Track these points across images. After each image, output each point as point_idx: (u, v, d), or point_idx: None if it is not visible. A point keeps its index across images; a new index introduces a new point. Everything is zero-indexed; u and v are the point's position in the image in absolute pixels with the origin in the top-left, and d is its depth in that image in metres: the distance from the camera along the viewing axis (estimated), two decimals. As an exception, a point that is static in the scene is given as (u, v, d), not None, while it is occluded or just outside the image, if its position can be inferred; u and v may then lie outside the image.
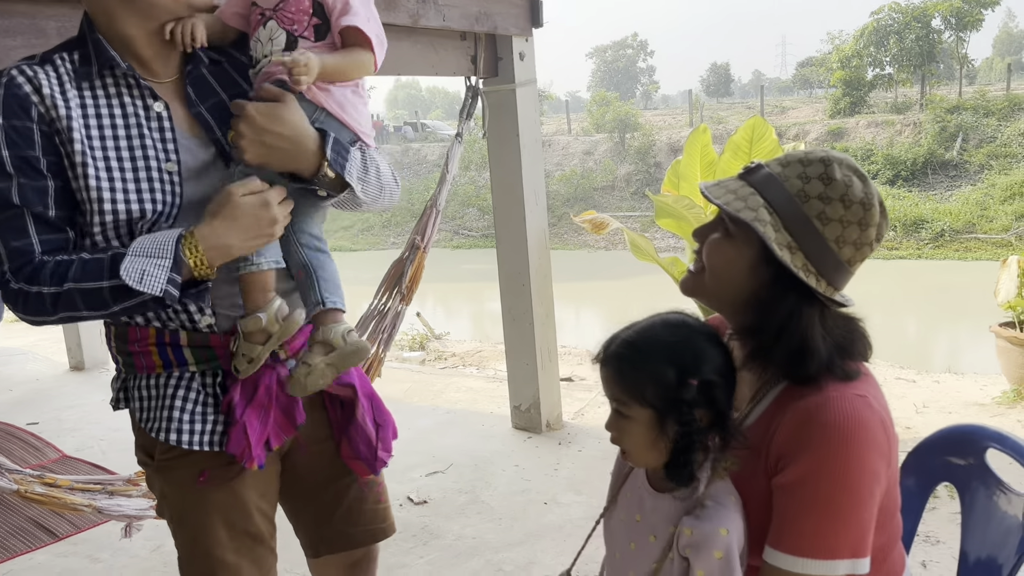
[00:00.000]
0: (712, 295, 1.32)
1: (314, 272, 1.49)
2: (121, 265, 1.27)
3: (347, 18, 1.40)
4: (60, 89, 1.35)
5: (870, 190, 1.23)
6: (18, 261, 1.31)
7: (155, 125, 1.41)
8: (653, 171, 25.10)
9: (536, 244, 4.07)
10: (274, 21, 1.43)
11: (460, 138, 3.76)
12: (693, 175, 4.22)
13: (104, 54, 1.38)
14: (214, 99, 1.48)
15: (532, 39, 4.00)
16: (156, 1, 1.38)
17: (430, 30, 3.40)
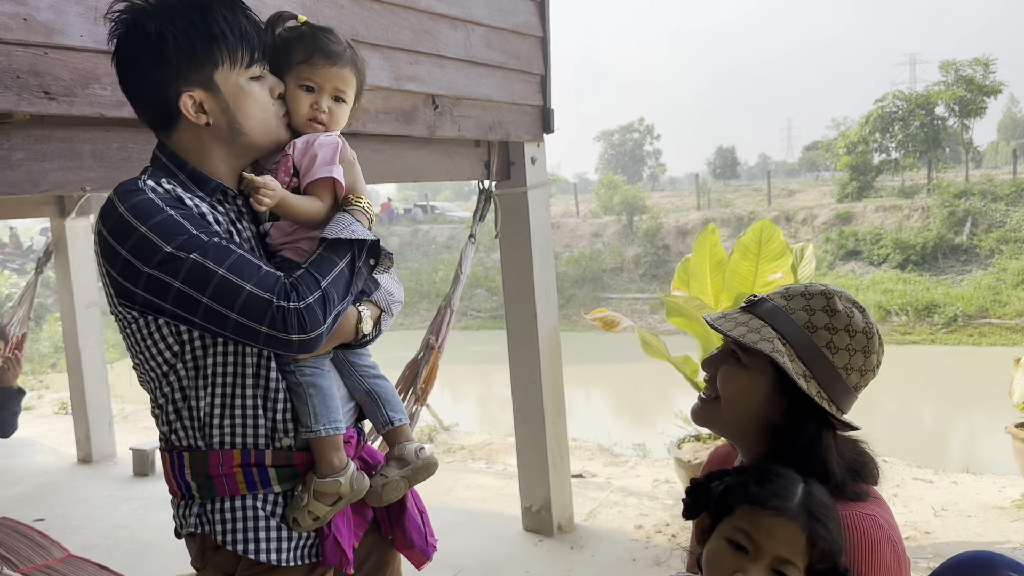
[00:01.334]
0: (726, 424, 1.37)
1: (377, 396, 1.68)
2: (329, 234, 1.48)
3: (308, 176, 1.57)
4: (191, 200, 1.47)
5: (869, 320, 1.31)
6: (273, 288, 1.38)
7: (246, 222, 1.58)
8: (661, 253, 25.29)
9: (547, 342, 4.09)
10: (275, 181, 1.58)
11: (473, 239, 3.82)
12: (703, 274, 4.26)
13: (209, 183, 1.53)
14: None
15: (543, 144, 4.11)
16: (258, 142, 1.56)
17: (446, 139, 3.50)
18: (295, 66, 1.59)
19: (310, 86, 1.59)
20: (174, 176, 1.52)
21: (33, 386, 11.41)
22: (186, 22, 1.44)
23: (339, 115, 1.63)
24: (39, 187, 2.15)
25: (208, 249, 1.37)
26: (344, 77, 1.61)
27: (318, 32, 1.62)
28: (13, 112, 2.00)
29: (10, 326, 5.36)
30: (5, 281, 19.62)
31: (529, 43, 3.93)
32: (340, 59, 1.60)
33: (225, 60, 1.46)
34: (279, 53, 1.60)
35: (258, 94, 1.52)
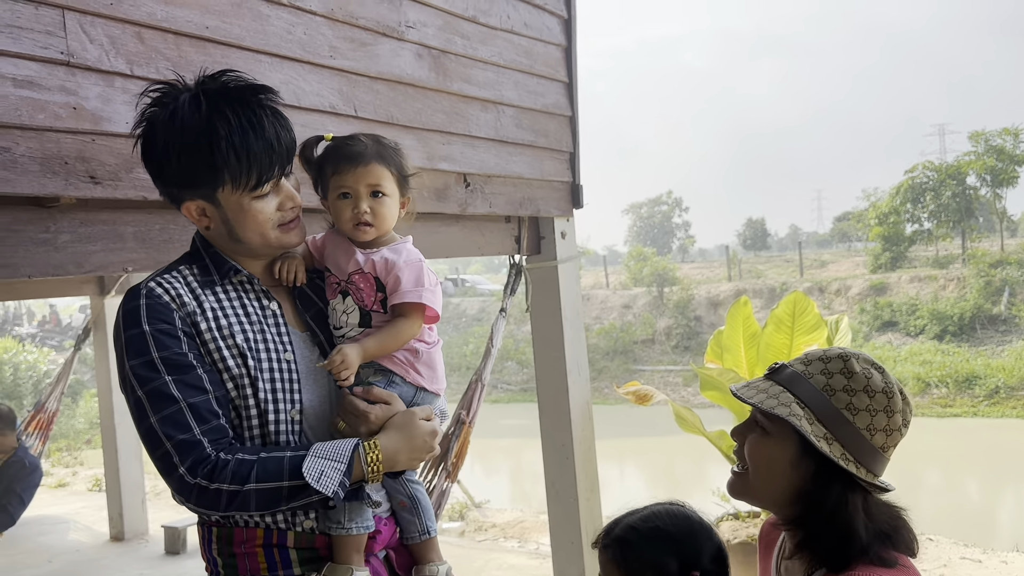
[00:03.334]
0: (759, 494, 1.39)
1: (418, 502, 1.68)
2: (303, 464, 1.41)
3: (396, 296, 1.61)
4: (192, 294, 1.53)
5: (889, 380, 1.32)
6: (190, 456, 1.41)
7: (271, 321, 1.60)
8: (693, 325, 25.12)
9: (579, 416, 4.05)
10: (351, 297, 1.64)
11: (504, 313, 3.84)
12: (736, 346, 4.23)
13: (224, 265, 1.59)
14: (315, 308, 1.70)
15: (573, 219, 4.16)
16: (259, 250, 1.61)
17: (477, 216, 3.55)
18: (329, 179, 1.65)
19: (345, 193, 1.63)
20: (199, 260, 1.61)
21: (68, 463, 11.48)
22: (192, 146, 1.46)
23: (384, 210, 1.64)
24: (83, 268, 2.22)
25: (152, 392, 1.44)
26: (373, 173, 1.63)
27: (339, 142, 1.67)
28: (61, 196, 2.08)
29: (47, 402, 5.44)
30: (44, 357, 19.97)
31: (558, 122, 4.01)
32: (364, 158, 1.64)
33: (227, 184, 1.50)
34: (318, 173, 1.68)
35: (259, 211, 1.54)
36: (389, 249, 1.66)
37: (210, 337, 1.51)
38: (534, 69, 3.81)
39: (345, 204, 1.63)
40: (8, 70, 1.96)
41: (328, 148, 1.68)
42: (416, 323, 1.63)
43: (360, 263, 1.63)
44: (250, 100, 1.50)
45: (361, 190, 1.63)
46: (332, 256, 1.71)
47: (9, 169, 1.96)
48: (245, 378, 1.51)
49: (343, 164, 1.63)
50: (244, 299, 1.60)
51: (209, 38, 2.42)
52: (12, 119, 1.95)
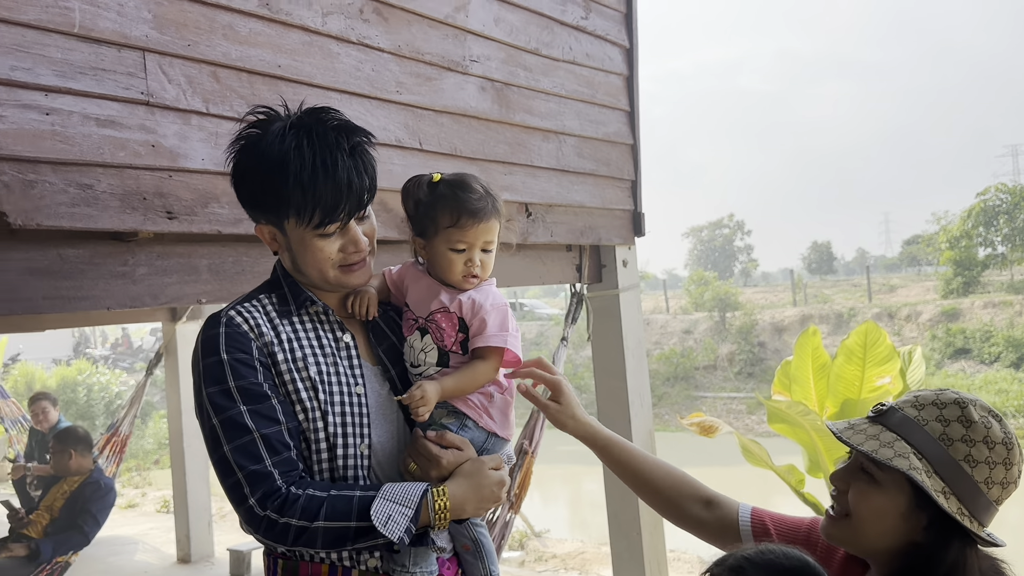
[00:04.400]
0: (861, 544, 1.32)
1: (482, 546, 1.68)
2: (372, 506, 1.42)
3: (480, 339, 1.62)
4: (269, 324, 1.57)
5: (1008, 429, 1.26)
6: (261, 488, 1.44)
7: (344, 354, 1.62)
8: (757, 351, 24.64)
9: (642, 447, 3.98)
10: (429, 335, 1.64)
11: (566, 342, 3.83)
12: (805, 378, 4.13)
13: (301, 295, 1.63)
14: (387, 342, 1.72)
15: (634, 247, 4.13)
16: (320, 286, 1.64)
17: (539, 245, 3.56)
18: (443, 230, 1.63)
19: (461, 247, 1.63)
20: (278, 289, 1.65)
21: (137, 483, 11.79)
22: (265, 174, 1.51)
23: (490, 261, 1.68)
24: (158, 300, 2.29)
25: (226, 421, 1.47)
26: (491, 229, 1.65)
27: (458, 191, 1.64)
28: (139, 231, 2.16)
29: (121, 426, 5.61)
30: (116, 379, 20.63)
31: (619, 150, 4.00)
32: (486, 214, 1.64)
33: (291, 217, 1.54)
34: (425, 216, 1.66)
35: (319, 249, 1.56)
36: (476, 290, 1.67)
37: (285, 368, 1.54)
38: (595, 98, 3.82)
39: (458, 257, 1.64)
40: (92, 110, 2.05)
41: (445, 195, 1.65)
42: (495, 367, 1.64)
43: (445, 303, 1.65)
44: (333, 140, 1.52)
45: (477, 245, 1.64)
46: (412, 292, 1.73)
47: (91, 205, 2.05)
48: (316, 411, 1.53)
49: (465, 219, 1.61)
50: (319, 330, 1.63)
51: (281, 76, 2.49)
52: (95, 157, 2.04)
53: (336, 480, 1.54)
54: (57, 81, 1.98)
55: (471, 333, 1.63)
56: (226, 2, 2.33)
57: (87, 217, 2.03)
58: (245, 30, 2.41)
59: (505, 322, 1.64)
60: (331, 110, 1.59)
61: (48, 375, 19.45)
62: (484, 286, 1.69)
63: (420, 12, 2.93)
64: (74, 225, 2.00)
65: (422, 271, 1.74)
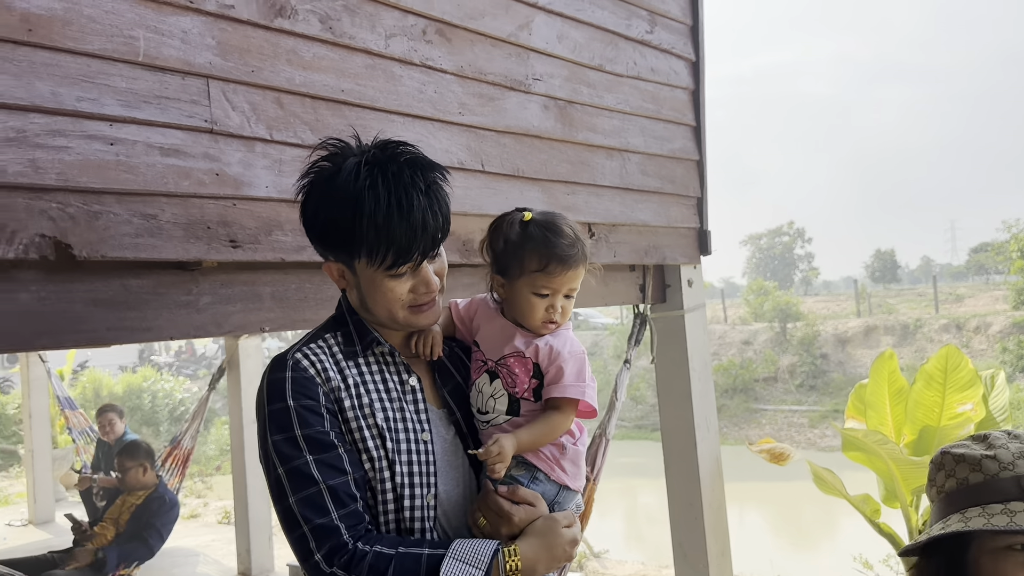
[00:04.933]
0: None
1: None
2: (442, 566, 1.36)
3: (556, 388, 1.53)
4: (336, 367, 1.52)
5: None
6: (327, 543, 1.39)
7: (410, 398, 1.56)
8: (819, 363, 24.06)
9: (709, 474, 3.87)
10: (499, 380, 1.57)
11: (628, 364, 3.72)
12: (881, 403, 3.94)
13: (367, 335, 1.57)
14: (452, 382, 1.65)
15: (700, 266, 4.01)
16: (388, 325, 1.58)
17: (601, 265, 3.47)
18: (529, 274, 1.56)
19: (545, 293, 1.56)
20: (343, 326, 1.60)
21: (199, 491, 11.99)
22: (338, 213, 1.46)
23: (569, 309, 1.61)
24: (222, 329, 2.26)
25: (292, 471, 1.42)
26: (578, 276, 1.59)
27: (549, 235, 1.57)
28: (203, 260, 2.14)
29: (183, 439, 5.68)
30: (180, 386, 21.10)
31: (685, 167, 3.89)
32: (575, 261, 1.57)
33: (363, 256, 1.48)
34: (511, 256, 1.59)
35: (389, 290, 1.51)
36: (553, 336, 1.59)
37: (352, 416, 1.49)
38: (660, 114, 3.72)
39: (540, 302, 1.57)
40: (156, 139, 2.03)
41: (535, 237, 1.57)
42: (570, 418, 1.56)
43: (520, 347, 1.57)
44: (409, 178, 1.46)
45: (561, 291, 1.58)
46: (484, 332, 1.66)
47: (155, 235, 2.03)
48: (383, 460, 1.48)
49: (555, 265, 1.54)
50: (385, 372, 1.58)
51: (345, 100, 2.46)
52: (159, 187, 2.02)
53: (402, 532, 1.47)
54: (122, 111, 1.96)
55: (546, 381, 1.55)
56: (289, 27, 2.31)
57: (151, 247, 2.01)
58: (309, 55, 2.38)
59: (582, 371, 1.56)
60: (405, 144, 1.53)
61: (115, 382, 19.97)
62: (561, 331, 1.61)
63: (483, 32, 2.88)
64: (138, 256, 1.99)
65: (495, 310, 1.67)
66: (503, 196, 2.93)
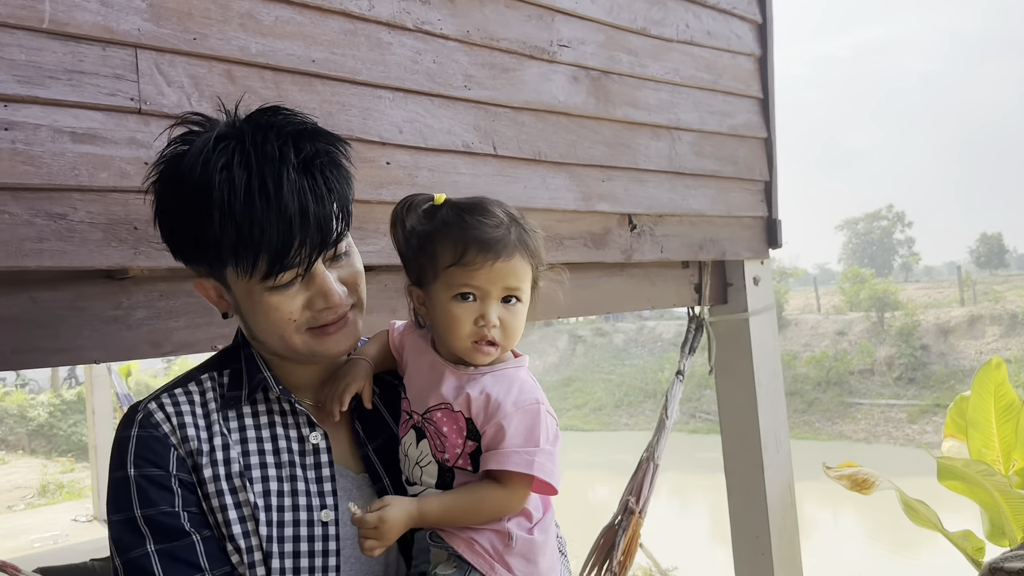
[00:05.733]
0: None
1: None
2: None
3: (493, 457, 1.10)
4: (205, 421, 1.14)
5: None
6: None
7: (310, 461, 1.17)
8: (919, 354, 22.73)
9: (779, 503, 3.34)
10: (426, 440, 1.15)
11: (681, 376, 3.23)
12: (986, 422, 3.33)
13: (255, 375, 1.18)
14: (384, 435, 1.24)
15: (768, 261, 3.47)
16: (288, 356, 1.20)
17: (645, 263, 2.99)
18: (443, 272, 1.14)
19: (468, 293, 1.13)
20: (234, 361, 1.22)
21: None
22: (185, 209, 1.09)
23: (514, 323, 1.16)
24: (161, 349, 1.90)
25: (130, 564, 1.06)
26: (514, 270, 1.14)
27: (466, 215, 1.15)
28: (129, 267, 1.78)
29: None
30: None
31: (749, 146, 3.36)
32: (503, 247, 1.13)
33: (229, 263, 1.10)
34: (420, 252, 1.18)
35: (274, 308, 1.12)
36: (494, 376, 1.15)
37: (214, 489, 1.10)
38: (719, 85, 3.20)
39: (465, 310, 1.13)
40: (66, 123, 1.68)
41: (447, 222, 1.16)
42: (515, 497, 1.11)
43: (447, 396, 1.14)
44: (275, 151, 1.07)
45: (494, 293, 1.14)
46: (410, 371, 1.24)
47: (66, 239, 1.68)
48: (255, 551, 1.07)
49: (473, 253, 1.12)
50: (277, 426, 1.18)
51: (316, 73, 2.07)
52: (69, 180, 1.67)
53: None
54: (20, 88, 1.61)
55: (484, 444, 1.11)
56: (243, -15, 1.92)
57: (59, 254, 1.66)
58: (269, 18, 1.99)
59: (534, 430, 1.11)
60: (282, 110, 1.13)
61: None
62: (507, 370, 1.16)
63: (493, -12, 2.44)
64: (41, 264, 1.64)
65: (425, 339, 1.24)
66: (521, 184, 2.49)
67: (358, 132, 2.13)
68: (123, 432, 1.12)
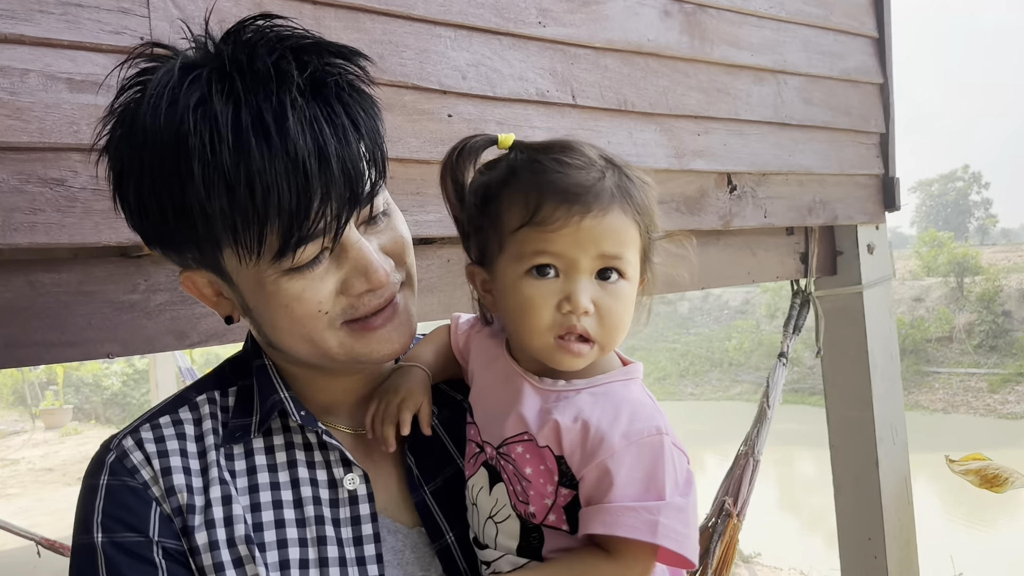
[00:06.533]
0: None
1: None
2: None
3: (597, 516, 0.75)
4: (199, 463, 0.84)
5: None
6: None
7: (345, 514, 0.85)
8: (1001, 321, 21.71)
9: (894, 501, 2.94)
10: (502, 484, 0.81)
11: (785, 359, 2.84)
12: None
13: (270, 395, 0.85)
14: (447, 471, 0.92)
15: (884, 225, 3.03)
16: (320, 364, 0.88)
17: (746, 230, 2.59)
18: (510, 238, 0.81)
19: (546, 265, 0.80)
20: (243, 377, 0.91)
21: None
22: (156, 171, 0.75)
23: (616, 309, 0.81)
24: (186, 340, 1.60)
25: None
26: (612, 231, 0.80)
27: (541, 155, 0.81)
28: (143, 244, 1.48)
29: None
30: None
31: (863, 93, 2.91)
32: (596, 197, 0.79)
33: (225, 242, 0.77)
34: (478, 219, 0.85)
35: (295, 297, 0.79)
36: (593, 394, 0.81)
37: (212, 562, 0.78)
38: (829, 22, 2.75)
39: (543, 290, 0.80)
40: (62, 67, 1.37)
41: (515, 170, 0.83)
42: (632, 574, 0.76)
43: (528, 421, 0.81)
44: (274, 72, 0.74)
45: (582, 263, 0.79)
46: (478, 384, 0.91)
47: (64, 211, 1.38)
48: None
49: (551, 204, 0.79)
50: (299, 466, 0.86)
51: (363, 7, 1.73)
52: (67, 138, 1.36)
53: None
54: (2, 25, 1.31)
55: (582, 494, 0.77)
56: (274, -102, 1.58)
57: (57, 228, 1.37)
58: (307, -58, 1.65)
59: (656, 475, 0.76)
60: (274, 18, 0.79)
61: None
62: (613, 383, 0.82)
63: (571, -97, 2.05)
64: (35, 241, 1.35)
65: (497, 340, 0.91)
66: (604, 139, 2.11)
67: (414, 78, 1.79)
68: (90, 480, 0.82)
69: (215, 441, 0.85)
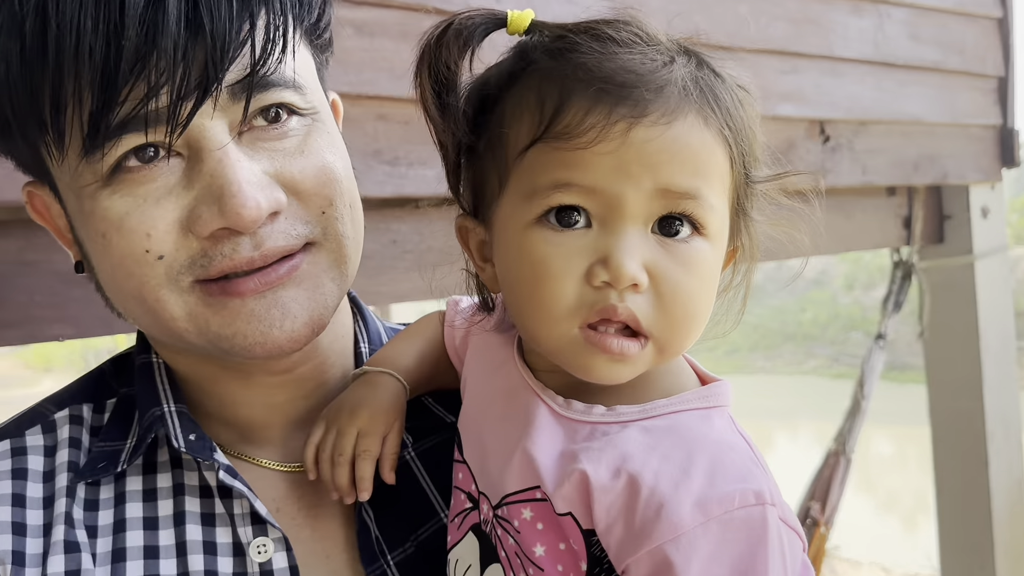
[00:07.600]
0: None
1: None
2: None
3: None
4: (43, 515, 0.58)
5: None
6: None
7: None
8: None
9: (1006, 505, 2.57)
10: (499, 564, 0.54)
11: (883, 341, 2.47)
12: None
13: (151, 407, 0.61)
14: (424, 532, 0.62)
15: (1001, 185, 2.61)
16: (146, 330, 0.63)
17: (840, 189, 2.22)
18: (515, 162, 0.53)
19: (571, 207, 0.50)
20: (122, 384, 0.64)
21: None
22: None
23: (691, 286, 0.52)
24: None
25: None
26: (686, 149, 0.50)
27: (571, 35, 0.53)
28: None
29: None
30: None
31: (979, 29, 2.51)
32: (660, 92, 0.50)
33: (29, 127, 0.52)
34: (470, 134, 0.57)
35: (111, 219, 0.54)
36: (645, 428, 0.50)
37: None
38: (942, -58, 2.35)
39: (565, 246, 0.50)
40: None
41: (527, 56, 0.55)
42: None
43: (543, 469, 0.50)
44: None
45: (631, 203, 0.50)
46: (471, 398, 0.62)
47: None
48: None
49: (581, 101, 0.49)
50: (185, 521, 0.59)
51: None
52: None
53: None
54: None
55: None
56: None
57: None
58: None
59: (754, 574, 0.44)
60: None
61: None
62: (681, 413, 0.51)
63: None
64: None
65: (504, 338, 0.61)
66: (670, 78, 1.78)
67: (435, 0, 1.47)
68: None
69: (69, 482, 0.57)
